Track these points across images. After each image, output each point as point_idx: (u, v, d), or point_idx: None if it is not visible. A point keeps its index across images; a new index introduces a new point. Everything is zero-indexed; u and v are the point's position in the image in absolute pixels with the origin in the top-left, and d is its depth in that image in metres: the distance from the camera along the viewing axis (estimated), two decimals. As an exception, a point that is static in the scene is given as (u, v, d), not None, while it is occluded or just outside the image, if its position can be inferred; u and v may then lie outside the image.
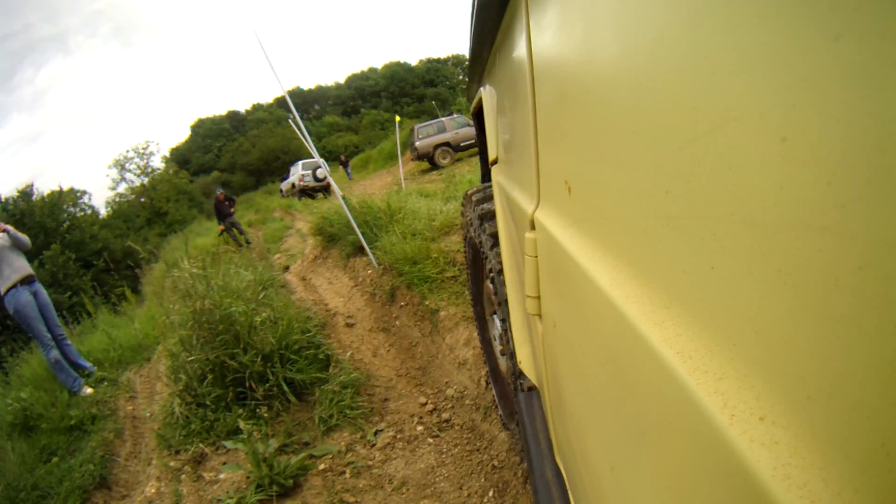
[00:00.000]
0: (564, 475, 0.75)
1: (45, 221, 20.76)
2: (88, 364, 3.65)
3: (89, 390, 3.33)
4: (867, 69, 0.14)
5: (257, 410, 2.23)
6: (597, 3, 0.37)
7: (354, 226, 4.02)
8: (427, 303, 2.94)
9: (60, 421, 2.95)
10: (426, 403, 2.30)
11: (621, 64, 0.33)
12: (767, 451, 0.19)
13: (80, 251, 20.17)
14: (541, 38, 0.55)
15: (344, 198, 4.78)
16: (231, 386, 2.33)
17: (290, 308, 3.09)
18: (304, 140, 3.99)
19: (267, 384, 2.31)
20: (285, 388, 2.33)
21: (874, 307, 0.15)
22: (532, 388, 0.97)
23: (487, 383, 2.00)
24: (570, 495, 0.70)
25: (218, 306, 2.50)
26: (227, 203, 9.18)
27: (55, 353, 3.27)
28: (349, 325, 3.32)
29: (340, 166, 19.56)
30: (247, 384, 2.29)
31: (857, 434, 0.16)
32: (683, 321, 0.27)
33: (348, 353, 2.64)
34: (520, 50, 0.67)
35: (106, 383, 3.46)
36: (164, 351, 2.84)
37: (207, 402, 2.29)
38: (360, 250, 4.20)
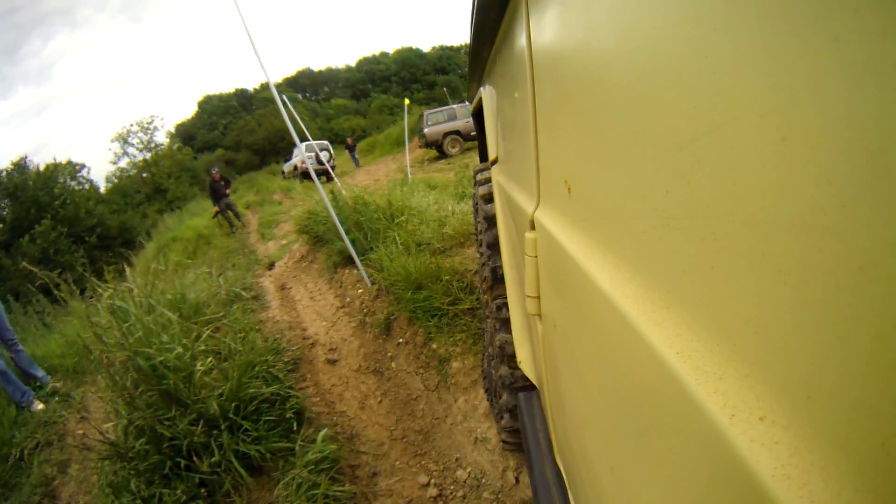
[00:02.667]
0: (564, 475, 0.75)
1: (38, 195, 20.32)
2: (42, 373, 3.20)
3: (40, 406, 2.91)
4: (867, 69, 0.14)
5: (201, 490, 1.67)
6: (597, 2, 0.37)
7: (342, 232, 3.19)
8: (433, 346, 2.22)
9: (1, 447, 2.52)
10: (428, 484, 1.72)
11: (621, 64, 0.33)
12: (767, 451, 0.19)
13: (73, 226, 19.75)
14: (541, 38, 0.55)
15: (332, 192, 3.96)
16: (169, 453, 1.73)
17: (254, 338, 2.47)
18: (294, 124, 3.35)
19: (213, 458, 1.71)
20: (236, 463, 1.73)
21: (875, 307, 0.15)
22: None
23: (517, 479, 1.55)
24: (570, 495, 0.70)
25: (139, 355, 1.81)
26: (222, 183, 8.88)
27: (2, 363, 2.87)
28: (331, 362, 2.56)
29: (346, 151, 17.66)
30: (185, 453, 1.73)
31: (857, 434, 0.16)
32: (683, 321, 0.27)
33: (324, 431, 1.86)
34: (520, 50, 0.67)
35: (57, 398, 2.99)
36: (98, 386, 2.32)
37: (141, 469, 1.73)
38: (349, 260, 3.33)
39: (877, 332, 0.15)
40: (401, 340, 2.49)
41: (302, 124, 6.83)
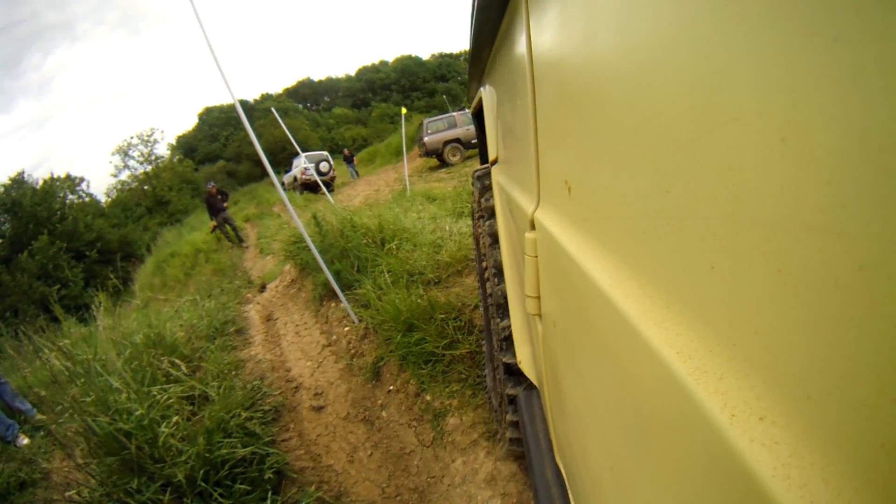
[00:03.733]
0: (564, 475, 0.75)
1: (36, 210, 20.12)
2: (27, 406, 3.04)
3: (25, 440, 2.78)
4: (867, 69, 0.14)
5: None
6: (597, 3, 0.37)
7: (323, 266, 2.82)
8: (427, 397, 1.99)
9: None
10: (426, 552, 1.50)
11: (621, 64, 0.33)
12: (767, 451, 0.19)
13: (72, 241, 19.55)
14: (541, 38, 0.55)
15: (315, 216, 3.68)
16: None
17: (232, 383, 2.25)
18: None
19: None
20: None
21: (875, 307, 0.15)
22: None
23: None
24: (570, 495, 0.70)
25: (95, 422, 1.65)
26: (219, 197, 8.66)
27: None
28: (316, 409, 2.33)
29: (344, 162, 16.14)
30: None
31: (857, 434, 0.16)
32: (683, 321, 0.27)
33: (312, 489, 1.67)
34: (520, 50, 0.67)
35: (42, 433, 2.81)
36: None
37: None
38: (335, 292, 3.01)
39: (877, 332, 0.15)
40: (391, 388, 2.21)
41: (292, 138, 6.84)
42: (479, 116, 1.53)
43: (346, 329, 2.84)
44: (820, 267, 0.17)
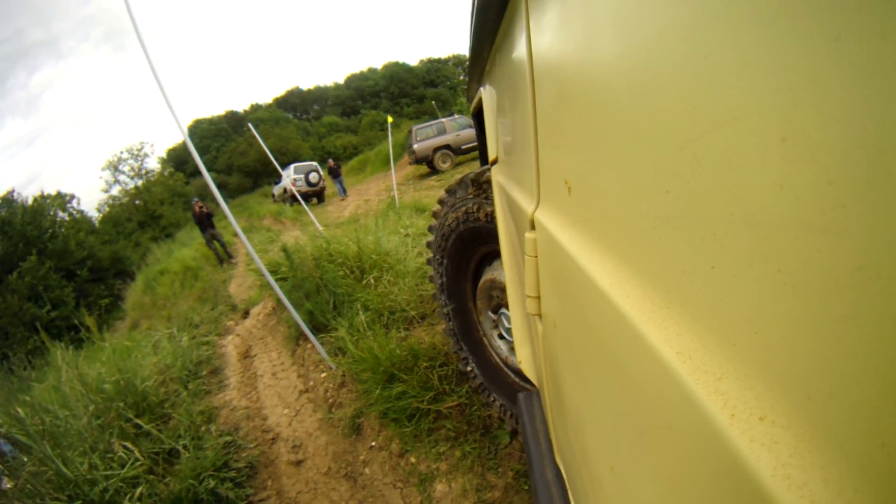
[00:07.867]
0: (564, 475, 0.75)
1: (26, 230, 19.61)
2: (9, 447, 2.79)
3: (8, 484, 2.61)
4: (867, 69, 0.14)
5: None
6: (597, 3, 0.37)
7: (290, 309, 2.61)
8: (412, 459, 1.79)
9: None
10: None
11: (621, 64, 0.33)
12: (767, 451, 0.19)
13: (63, 260, 19.08)
14: (541, 38, 0.55)
15: (285, 249, 3.41)
16: None
17: (204, 438, 2.09)
18: (201, 172, 2.61)
19: None
20: None
21: (874, 307, 0.15)
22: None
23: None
24: (570, 495, 0.70)
25: (51, 498, 1.55)
26: (204, 212, 8.67)
27: None
28: (295, 464, 2.14)
29: (330, 177, 13.80)
30: None
31: (857, 434, 0.16)
32: (683, 321, 0.27)
33: None
34: (520, 50, 0.67)
35: (25, 475, 2.67)
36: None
37: None
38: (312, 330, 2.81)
39: (876, 332, 0.15)
40: (373, 444, 2.02)
41: (270, 155, 6.91)
42: (479, 116, 1.53)
43: (323, 375, 2.64)
44: (819, 267, 0.17)
